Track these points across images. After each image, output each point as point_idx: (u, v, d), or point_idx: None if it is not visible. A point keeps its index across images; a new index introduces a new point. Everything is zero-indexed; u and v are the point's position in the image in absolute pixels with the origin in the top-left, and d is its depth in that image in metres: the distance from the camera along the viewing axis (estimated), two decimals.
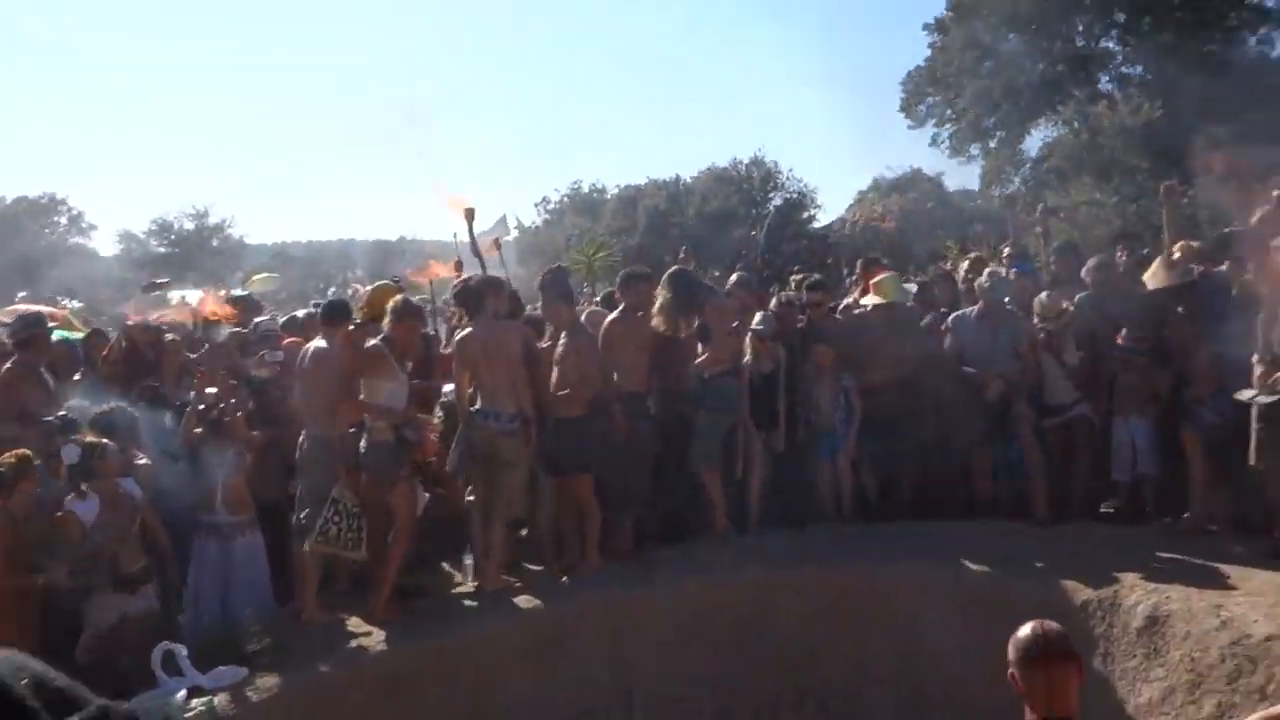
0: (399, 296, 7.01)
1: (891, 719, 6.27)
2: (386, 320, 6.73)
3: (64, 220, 42.41)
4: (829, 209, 33.86)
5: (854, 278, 9.94)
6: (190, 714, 5.45)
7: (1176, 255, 7.23)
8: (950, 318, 7.91)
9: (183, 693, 5.56)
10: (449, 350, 7.68)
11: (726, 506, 7.69)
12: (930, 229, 22.88)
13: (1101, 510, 7.58)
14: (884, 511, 7.79)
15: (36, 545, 5.94)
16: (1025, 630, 3.15)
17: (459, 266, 8.61)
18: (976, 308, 7.69)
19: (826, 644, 6.55)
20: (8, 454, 5.94)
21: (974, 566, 6.51)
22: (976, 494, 7.79)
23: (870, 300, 8.06)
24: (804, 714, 6.38)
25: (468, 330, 7.11)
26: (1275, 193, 6.20)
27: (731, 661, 6.58)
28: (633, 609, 6.64)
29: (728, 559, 7.07)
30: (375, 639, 6.29)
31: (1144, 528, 6.99)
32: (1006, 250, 9.07)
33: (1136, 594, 5.72)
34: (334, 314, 7.01)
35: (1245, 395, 5.98)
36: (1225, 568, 5.88)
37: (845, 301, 8.58)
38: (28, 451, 6.03)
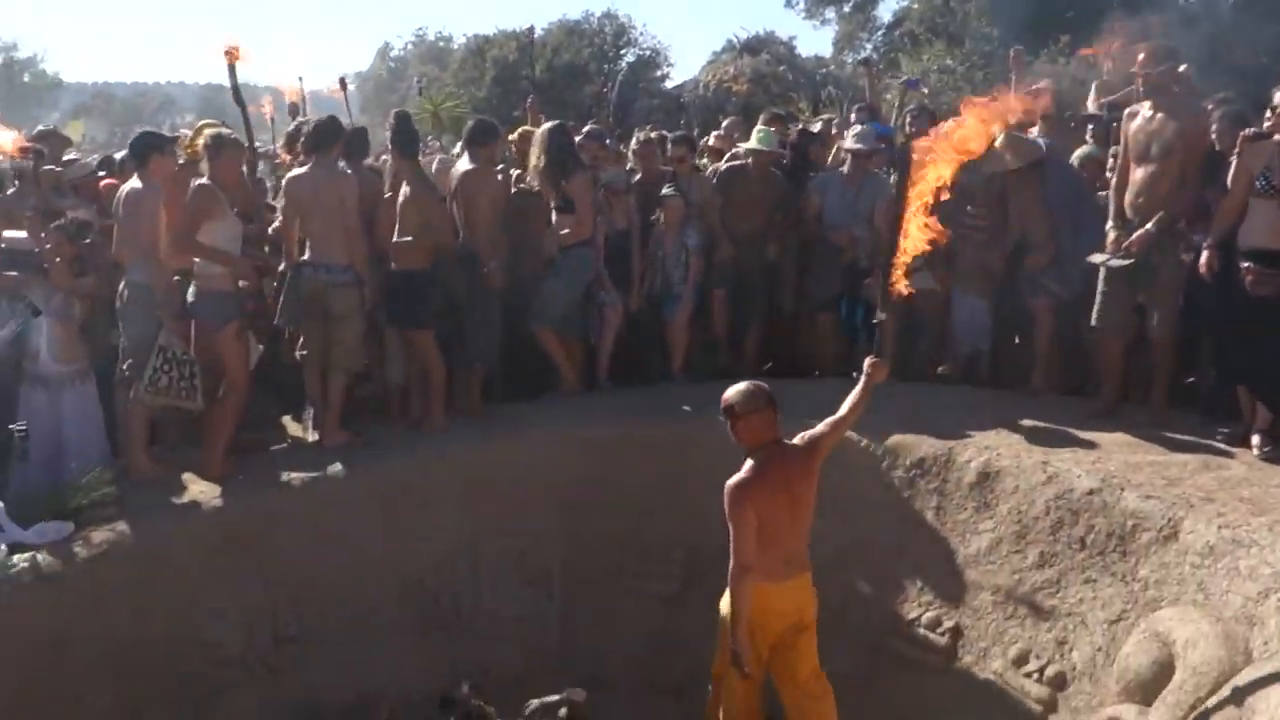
0: (214, 130, 6.54)
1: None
2: (204, 159, 6.32)
3: None
4: (681, 69, 33.48)
5: (706, 139, 9.87)
6: (12, 570, 5.19)
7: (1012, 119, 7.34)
8: (816, 178, 7.91)
9: (2, 548, 5.28)
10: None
11: (579, 364, 7.69)
12: (783, 92, 22.83)
13: (939, 372, 7.84)
14: (728, 369, 7.86)
15: None
16: (743, 387, 4.74)
17: (294, 110, 8.10)
18: (843, 168, 7.68)
19: (669, 500, 6.62)
20: None
21: (812, 421, 6.64)
22: (819, 355, 7.93)
23: (748, 147, 7.96)
24: (647, 566, 6.48)
25: (298, 172, 6.74)
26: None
27: (577, 517, 6.62)
28: (478, 464, 6.59)
29: (574, 416, 7.06)
30: (210, 494, 6.09)
31: (979, 390, 7.26)
32: (856, 110, 9.06)
33: (970, 451, 5.94)
34: (143, 148, 6.38)
35: (1098, 258, 6.18)
36: (1054, 428, 6.14)
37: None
38: None
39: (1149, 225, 5.90)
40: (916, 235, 4.75)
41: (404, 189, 6.90)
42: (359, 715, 5.49)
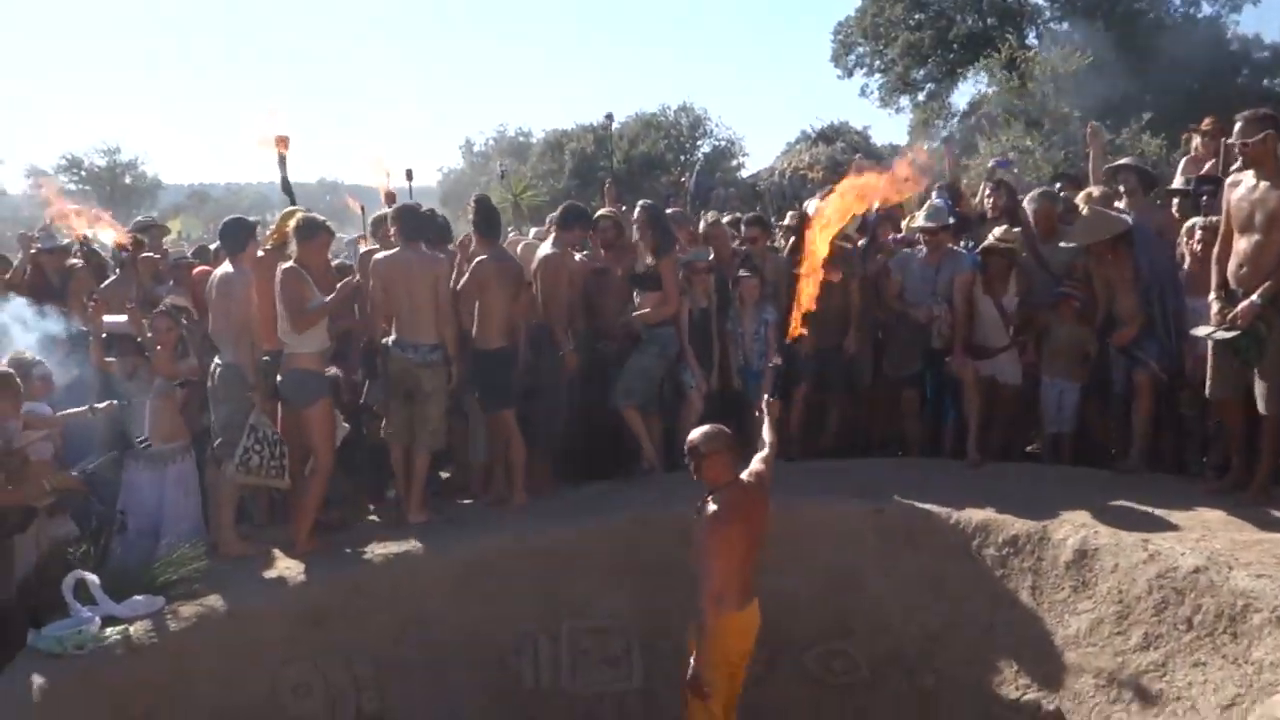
0: (301, 214, 6.73)
1: (814, 650, 6.25)
2: (291, 244, 6.49)
3: None
4: (756, 158, 33.87)
5: (783, 219, 9.90)
6: (104, 641, 5.26)
7: (1082, 206, 7.26)
8: (895, 257, 7.88)
9: (97, 621, 5.35)
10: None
11: (658, 443, 7.66)
12: None
13: (1028, 451, 7.66)
14: (809, 449, 7.77)
15: None
16: (705, 429, 5.07)
17: (390, 198, 8.32)
18: (922, 247, 7.64)
19: None
20: None
21: (900, 501, 6.52)
22: (905, 434, 7.82)
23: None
24: None
25: (388, 253, 6.87)
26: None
27: (657, 596, 6.51)
28: (558, 544, 6.54)
29: (654, 496, 7.00)
30: (295, 570, 6.14)
31: (1069, 469, 7.07)
32: (938, 188, 9.02)
33: (1065, 529, 5.76)
34: (235, 233, 6.60)
35: (1201, 331, 6.01)
36: (1152, 506, 5.93)
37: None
38: (9, 369, 5.73)
39: (1254, 296, 5.72)
40: (807, 292, 5.31)
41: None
42: None
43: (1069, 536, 5.70)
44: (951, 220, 7.61)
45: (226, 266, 6.57)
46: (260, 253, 6.65)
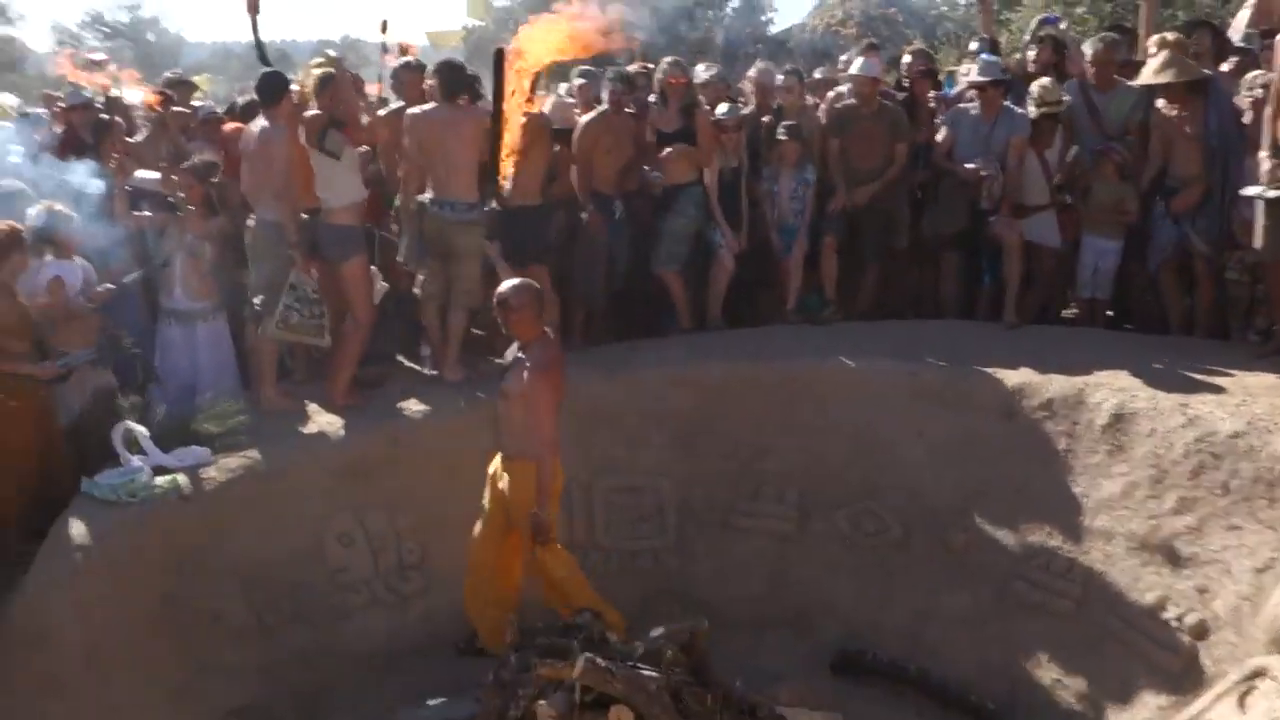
0: (326, 66, 6.58)
1: (845, 510, 6.34)
2: (313, 97, 6.42)
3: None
4: (786, 14, 32.83)
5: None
6: (157, 491, 5.40)
7: (1153, 50, 6.96)
8: (949, 112, 7.68)
9: (147, 471, 5.48)
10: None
11: (689, 306, 7.66)
12: (893, 35, 22.25)
13: (1064, 315, 7.61)
14: (843, 310, 7.73)
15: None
16: (514, 282, 5.34)
17: (403, 50, 8.14)
18: (977, 101, 7.43)
19: (782, 439, 6.56)
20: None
21: (933, 362, 6.51)
22: (941, 296, 7.76)
23: (850, 74, 7.74)
24: (760, 504, 6.43)
25: (422, 110, 6.73)
26: None
27: (689, 455, 6.59)
28: (593, 401, 6.58)
29: (686, 355, 7.02)
30: (335, 424, 6.24)
31: (1109, 332, 7.04)
32: (977, 41, 8.73)
33: (1102, 392, 5.75)
34: (271, 87, 6.43)
35: (1252, 191, 5.86)
36: (1192, 370, 5.89)
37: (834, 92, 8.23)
38: (17, 224, 5.72)
39: None
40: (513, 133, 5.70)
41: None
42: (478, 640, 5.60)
43: (1106, 400, 5.69)
44: (1006, 76, 7.39)
45: (262, 121, 6.44)
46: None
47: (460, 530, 6.11)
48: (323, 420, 6.29)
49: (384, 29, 8.53)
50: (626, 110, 7.34)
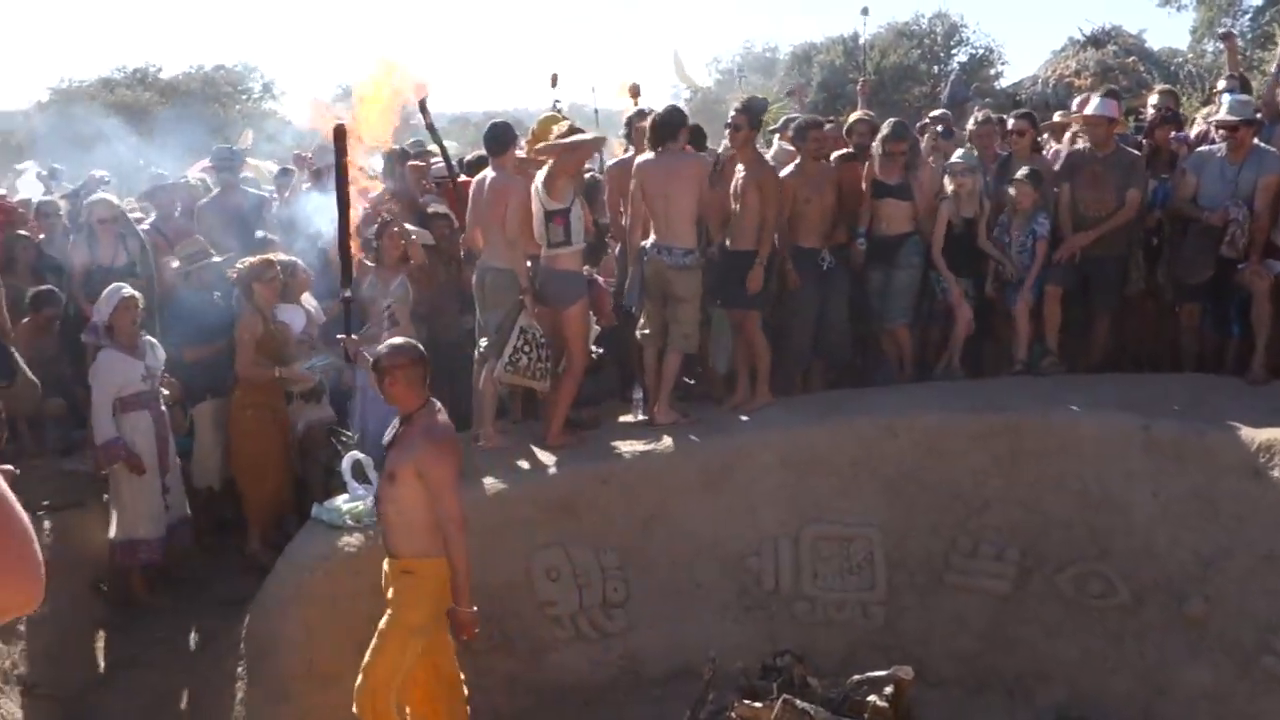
0: (565, 122, 6.83)
1: (1070, 570, 5.98)
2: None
3: (257, 87, 43.71)
4: (1016, 68, 31.95)
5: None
6: (373, 519, 5.65)
7: None
8: (1191, 155, 7.27)
9: (370, 499, 5.76)
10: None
11: (909, 354, 7.53)
12: (1133, 85, 21.24)
13: None
14: (1072, 362, 7.36)
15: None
16: (394, 341, 4.92)
17: (635, 91, 8.37)
18: (1222, 144, 7.00)
19: (1003, 493, 6.27)
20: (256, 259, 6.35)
21: (1170, 417, 6.09)
22: (1180, 348, 7.28)
23: (1085, 114, 7.45)
24: (978, 561, 6.15)
25: (645, 158, 6.90)
26: None
27: (902, 505, 6.39)
28: (803, 448, 6.50)
29: (901, 404, 6.84)
30: (548, 462, 6.39)
31: None
32: (1226, 79, 8.20)
33: None
34: (497, 137, 6.75)
35: None
36: None
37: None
38: (270, 257, 6.33)
39: None
40: None
41: (739, 171, 6.96)
42: (678, 681, 5.56)
43: None
44: (1257, 115, 6.94)
45: (490, 171, 6.76)
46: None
47: (666, 572, 6.15)
48: (536, 458, 6.46)
49: (554, 82, 8.81)
50: (825, 159, 7.32)
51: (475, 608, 4.61)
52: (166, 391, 6.51)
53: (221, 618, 6.00)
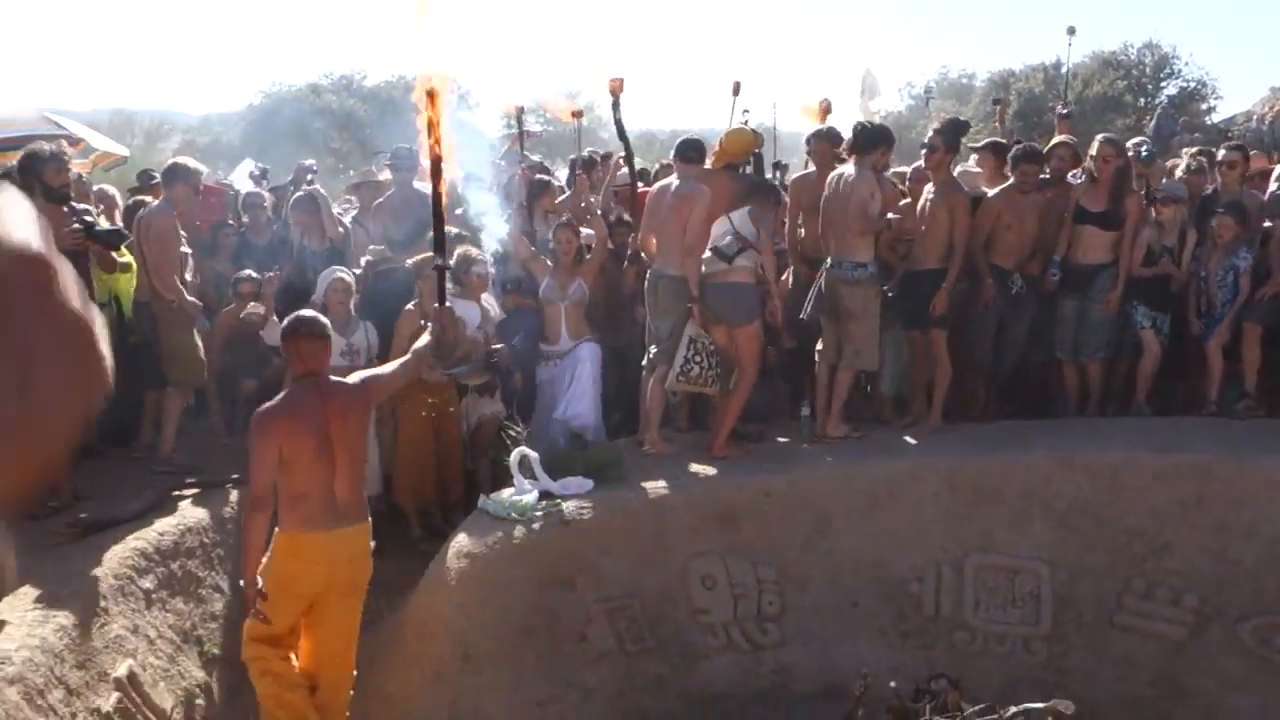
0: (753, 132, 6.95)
1: (1253, 621, 5.63)
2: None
3: (454, 98, 45.47)
4: (1230, 102, 30.27)
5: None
6: (537, 513, 5.83)
7: None
8: None
9: (535, 494, 5.94)
10: None
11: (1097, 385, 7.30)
12: None
13: None
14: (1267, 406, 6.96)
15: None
16: (301, 313, 4.68)
17: (826, 109, 8.37)
18: None
19: (1183, 536, 5.97)
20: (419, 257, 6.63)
21: None
22: None
23: None
24: (1153, 604, 5.86)
25: (834, 171, 6.93)
26: None
27: (1074, 541, 6.15)
28: (973, 474, 6.35)
29: (1080, 438, 6.60)
30: (710, 472, 6.43)
31: None
32: None
33: None
34: (688, 150, 6.86)
35: None
36: None
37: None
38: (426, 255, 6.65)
39: None
40: None
41: (928, 191, 6.90)
42: (828, 700, 5.50)
43: None
44: None
45: (675, 179, 6.87)
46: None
47: (824, 590, 6.10)
48: (699, 467, 6.51)
49: (736, 90, 8.83)
50: (1035, 190, 7.15)
51: (260, 585, 4.45)
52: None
53: (386, 601, 6.27)
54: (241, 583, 4.63)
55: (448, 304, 4.65)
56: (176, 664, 5.27)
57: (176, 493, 6.20)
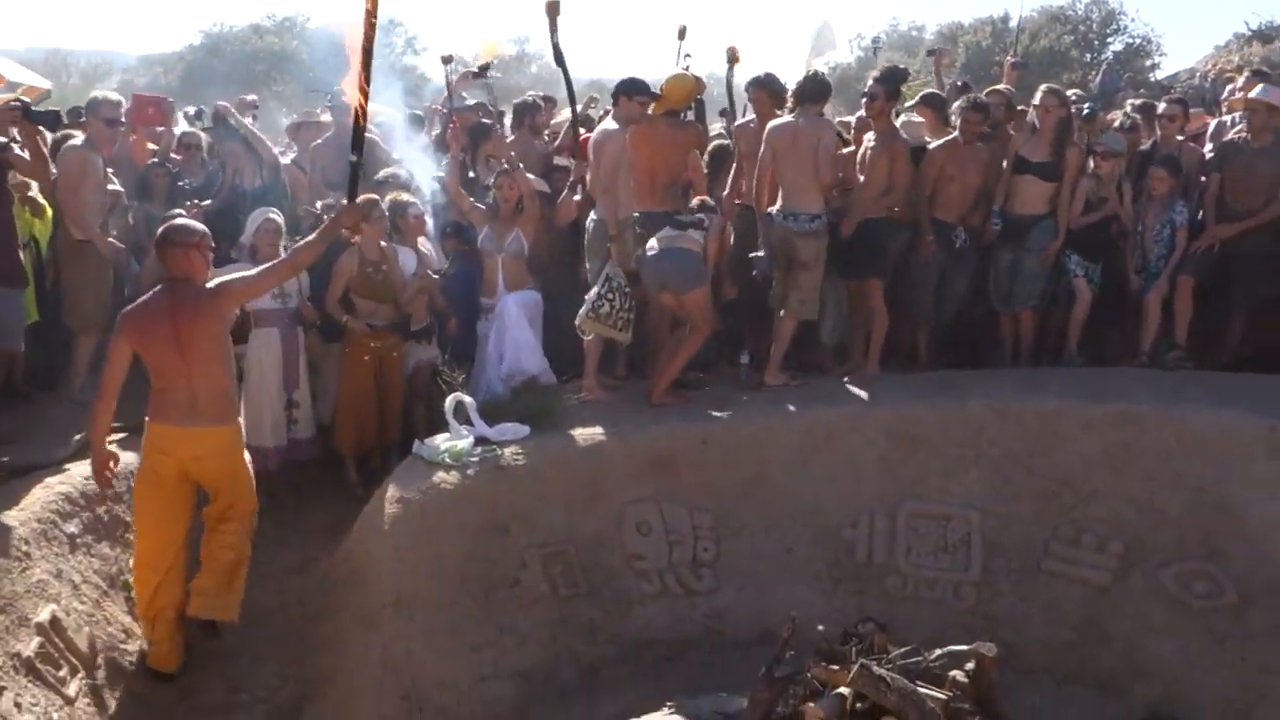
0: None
1: (1175, 568, 5.76)
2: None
3: (400, 42, 44.47)
4: (1175, 59, 30.54)
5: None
6: (473, 458, 5.79)
7: None
8: None
9: (470, 439, 5.89)
10: None
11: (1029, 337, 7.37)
12: None
13: None
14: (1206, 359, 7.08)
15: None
16: (176, 219, 5.23)
17: (734, 56, 8.32)
18: None
19: (1110, 485, 6.07)
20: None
21: None
22: None
23: (1249, 97, 7.12)
24: (1080, 551, 5.96)
25: (781, 120, 6.87)
26: None
27: (1005, 489, 6.23)
28: (907, 423, 6.40)
29: (1014, 388, 6.67)
30: (648, 419, 6.42)
31: None
32: None
33: None
34: (619, 90, 6.86)
35: None
36: None
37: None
38: (373, 195, 6.56)
39: None
40: None
41: (869, 140, 6.89)
42: (762, 645, 5.54)
43: None
44: None
45: (609, 123, 6.85)
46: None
47: (759, 536, 6.13)
48: (637, 413, 6.49)
49: (682, 34, 8.67)
50: (979, 141, 7.14)
51: (107, 459, 4.91)
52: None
53: (320, 545, 6.21)
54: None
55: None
56: (102, 609, 5.19)
57: None
